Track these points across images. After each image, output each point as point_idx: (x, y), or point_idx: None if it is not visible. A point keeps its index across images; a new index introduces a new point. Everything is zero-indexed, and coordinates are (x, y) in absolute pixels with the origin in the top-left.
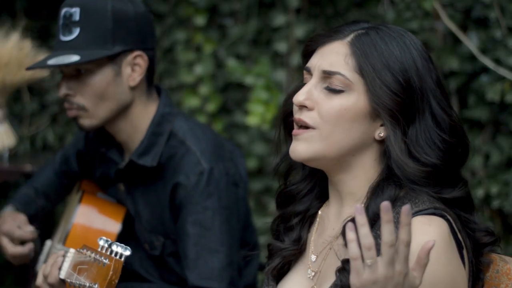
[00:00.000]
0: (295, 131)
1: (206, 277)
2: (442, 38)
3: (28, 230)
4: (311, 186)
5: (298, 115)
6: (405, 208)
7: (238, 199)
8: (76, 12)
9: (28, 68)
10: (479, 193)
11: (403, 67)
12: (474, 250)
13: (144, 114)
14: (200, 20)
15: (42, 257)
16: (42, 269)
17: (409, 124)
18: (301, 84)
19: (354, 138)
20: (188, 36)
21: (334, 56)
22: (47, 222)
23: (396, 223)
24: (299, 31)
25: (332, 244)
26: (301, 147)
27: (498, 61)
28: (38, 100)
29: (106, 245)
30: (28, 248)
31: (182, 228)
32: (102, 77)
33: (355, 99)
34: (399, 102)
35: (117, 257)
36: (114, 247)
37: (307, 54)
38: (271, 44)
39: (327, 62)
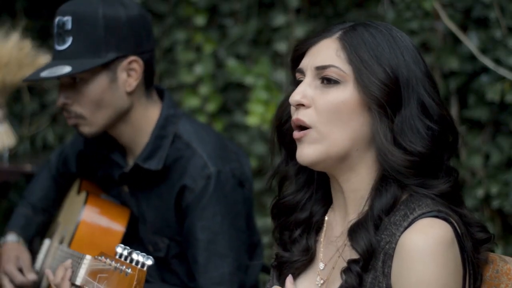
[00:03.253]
0: (295, 133)
1: (216, 282)
2: (442, 38)
3: (30, 278)
4: (310, 194)
5: (295, 115)
6: None
7: (244, 199)
8: (68, 20)
9: (24, 80)
10: (479, 193)
11: (391, 58)
12: (473, 249)
13: (145, 117)
14: (200, 20)
15: (40, 255)
16: (51, 280)
17: (395, 113)
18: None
19: (354, 131)
20: (188, 36)
21: (325, 51)
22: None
23: (397, 226)
24: (299, 31)
25: (340, 251)
26: (307, 151)
27: (498, 61)
28: (38, 100)
29: (125, 253)
30: None
31: (191, 233)
32: (97, 85)
33: (350, 91)
34: (387, 91)
35: (139, 266)
36: (134, 256)
37: (297, 58)
38: (271, 44)
39: (319, 59)
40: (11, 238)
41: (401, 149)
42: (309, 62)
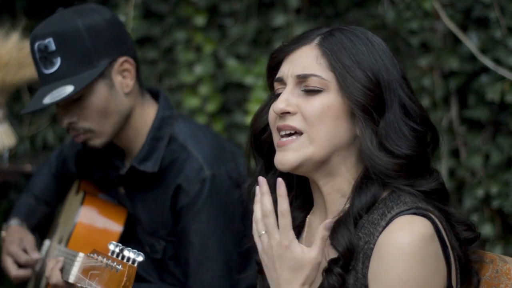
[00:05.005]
0: (281, 142)
1: (206, 285)
2: (442, 38)
3: (34, 257)
4: (289, 201)
5: (282, 122)
6: (279, 181)
7: (241, 200)
8: (50, 42)
9: (24, 113)
10: (479, 193)
11: (371, 62)
12: (460, 247)
13: (143, 118)
14: (200, 20)
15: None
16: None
17: (380, 118)
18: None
19: (339, 136)
20: (188, 36)
21: (305, 59)
22: (46, 222)
23: (375, 225)
24: (299, 31)
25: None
26: (290, 156)
27: (498, 61)
28: None
29: (117, 250)
30: (30, 271)
31: (184, 236)
32: (98, 96)
33: (334, 97)
34: (371, 96)
35: (130, 262)
36: (126, 252)
37: (274, 67)
38: (271, 44)
39: (299, 67)
40: (14, 222)
41: (388, 153)
42: (289, 70)
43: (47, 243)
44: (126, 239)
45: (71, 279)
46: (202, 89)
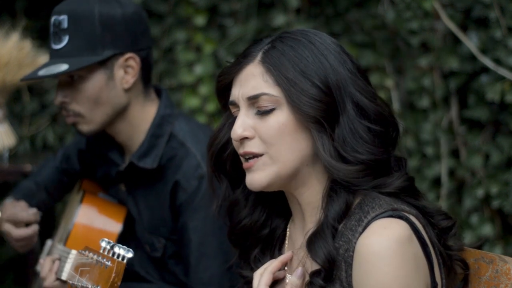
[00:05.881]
0: (246, 164)
1: (205, 283)
2: (442, 38)
3: (31, 212)
4: (266, 211)
5: (242, 149)
6: (297, 272)
7: None
8: (64, 19)
9: (22, 80)
10: (479, 193)
11: (316, 68)
12: (439, 239)
13: (142, 115)
14: (200, 20)
15: (42, 256)
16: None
17: (334, 125)
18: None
19: (301, 149)
20: (188, 36)
21: (252, 79)
22: (47, 222)
23: (353, 231)
24: None
25: (303, 261)
26: (258, 177)
27: (498, 61)
28: (38, 100)
29: (108, 247)
30: (32, 229)
31: (183, 233)
32: (94, 83)
33: (287, 113)
34: (320, 107)
35: (120, 259)
36: (116, 249)
37: (223, 89)
38: None
39: (248, 88)
40: (10, 200)
41: (347, 161)
42: (239, 92)
43: (49, 243)
44: (125, 239)
45: (64, 276)
46: (202, 89)
